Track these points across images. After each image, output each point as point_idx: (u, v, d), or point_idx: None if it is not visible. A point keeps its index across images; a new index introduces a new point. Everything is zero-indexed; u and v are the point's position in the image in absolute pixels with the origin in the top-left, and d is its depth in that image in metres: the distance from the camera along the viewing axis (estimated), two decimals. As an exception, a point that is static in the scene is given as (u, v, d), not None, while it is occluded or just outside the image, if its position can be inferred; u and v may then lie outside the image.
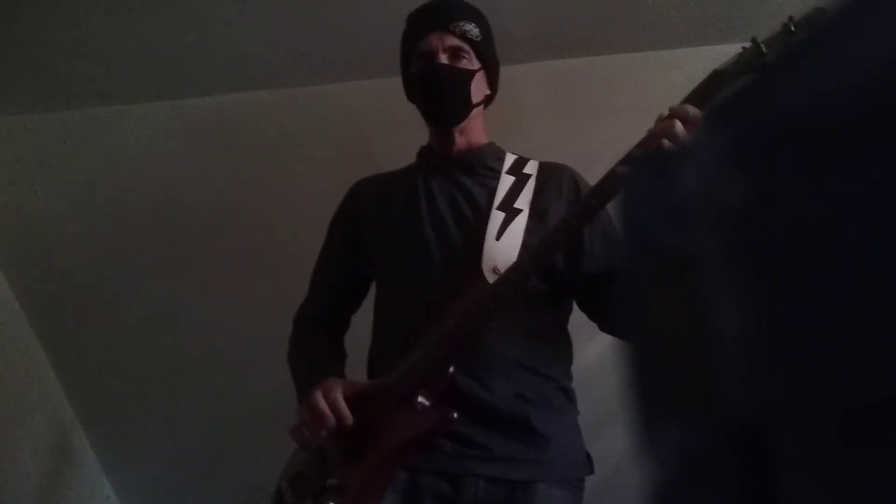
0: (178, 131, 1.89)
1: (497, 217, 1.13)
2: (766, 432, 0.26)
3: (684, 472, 0.31)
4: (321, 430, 1.05)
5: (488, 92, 1.25)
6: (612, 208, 1.12)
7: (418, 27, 1.21)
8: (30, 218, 1.93)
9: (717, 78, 1.01)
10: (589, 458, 1.14)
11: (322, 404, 1.04)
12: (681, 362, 0.31)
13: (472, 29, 1.18)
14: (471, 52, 1.18)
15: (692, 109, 0.97)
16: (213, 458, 2.02)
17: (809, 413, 0.25)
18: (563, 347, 1.19)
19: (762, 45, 0.98)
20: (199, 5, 1.58)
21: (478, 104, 1.21)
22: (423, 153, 1.30)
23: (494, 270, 1.06)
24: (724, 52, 1.03)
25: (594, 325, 1.23)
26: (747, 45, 1.00)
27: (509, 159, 1.24)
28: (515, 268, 1.03)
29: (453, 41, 1.17)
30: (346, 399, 1.06)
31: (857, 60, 0.24)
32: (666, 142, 0.95)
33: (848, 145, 0.24)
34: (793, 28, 0.95)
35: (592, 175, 1.10)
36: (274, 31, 1.66)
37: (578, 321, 1.24)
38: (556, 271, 1.14)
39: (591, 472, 1.14)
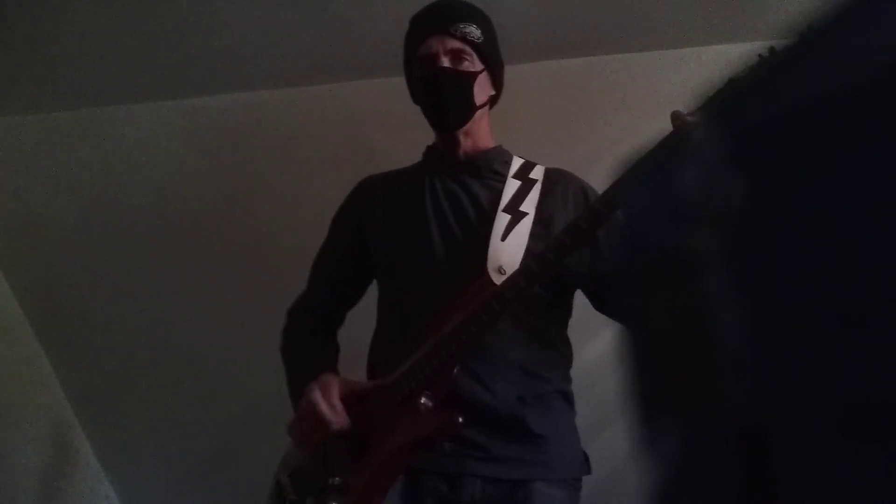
0: (178, 131, 1.89)
1: (503, 219, 1.13)
2: (766, 432, 0.26)
3: (684, 471, 0.31)
4: (322, 436, 1.05)
5: (493, 93, 1.24)
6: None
7: (419, 31, 1.21)
8: (29, 218, 1.93)
9: (732, 87, 1.00)
10: (586, 458, 1.15)
11: (323, 408, 1.04)
12: (681, 362, 0.31)
13: (474, 31, 1.17)
14: (472, 54, 1.18)
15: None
16: (213, 458, 2.02)
17: (810, 412, 0.25)
18: (563, 351, 1.19)
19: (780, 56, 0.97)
20: (200, 5, 1.58)
21: (482, 105, 1.21)
22: (430, 153, 1.30)
23: (499, 270, 1.06)
24: (724, 53, 1.03)
25: (593, 326, 1.23)
26: (750, 44, 1.00)
27: (516, 163, 1.24)
28: (523, 271, 1.03)
29: (454, 44, 1.16)
30: (344, 399, 1.06)
31: (858, 60, 0.24)
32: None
33: (848, 145, 0.24)
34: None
35: (591, 175, 1.10)
36: (274, 31, 1.66)
37: (578, 322, 1.24)
38: (564, 275, 1.13)
39: (589, 472, 1.14)
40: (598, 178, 1.05)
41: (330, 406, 1.05)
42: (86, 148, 1.89)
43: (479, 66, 1.19)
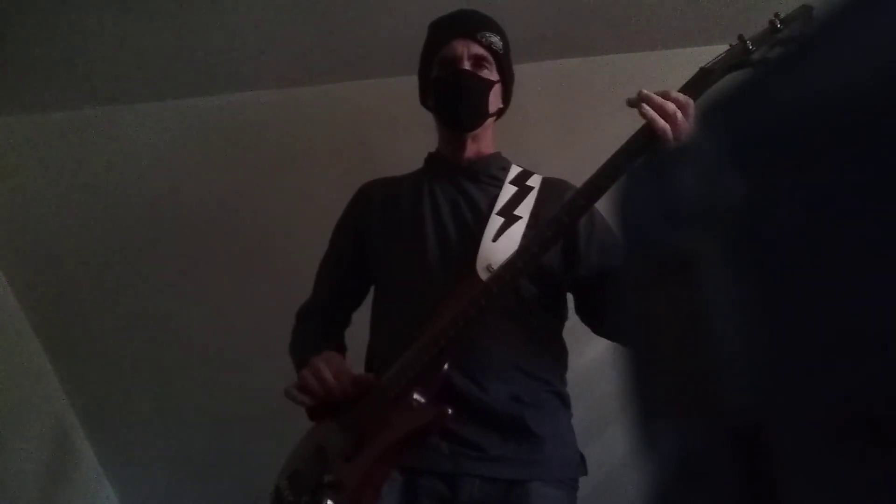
0: (178, 131, 1.89)
1: (496, 221, 1.15)
2: (765, 432, 0.26)
3: (683, 472, 0.31)
4: (324, 395, 1.08)
5: (502, 105, 1.27)
6: (607, 211, 1.13)
7: (443, 33, 1.23)
8: (30, 218, 1.93)
9: (704, 75, 1.02)
10: (582, 458, 1.15)
11: (328, 373, 1.07)
12: (679, 362, 0.31)
13: (497, 41, 1.21)
14: (493, 63, 1.21)
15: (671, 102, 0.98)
16: (213, 458, 2.02)
17: (808, 413, 0.25)
18: (558, 353, 1.20)
19: (749, 43, 0.99)
20: (199, 5, 1.58)
21: (492, 114, 1.24)
22: (431, 159, 1.32)
23: (488, 269, 1.08)
24: (724, 53, 1.04)
25: (593, 327, 1.23)
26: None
27: (514, 170, 1.26)
28: (507, 265, 1.04)
29: (478, 50, 1.19)
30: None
31: (857, 60, 0.24)
32: (661, 124, 0.95)
33: (848, 145, 0.24)
34: (779, 25, 0.97)
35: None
36: (274, 31, 1.66)
37: (576, 324, 1.24)
38: (552, 276, 1.14)
39: (585, 472, 1.15)
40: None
41: (334, 373, 1.08)
42: (86, 148, 1.89)
43: (496, 76, 1.22)
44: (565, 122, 1.77)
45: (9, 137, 1.88)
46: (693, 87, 1.02)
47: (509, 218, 1.15)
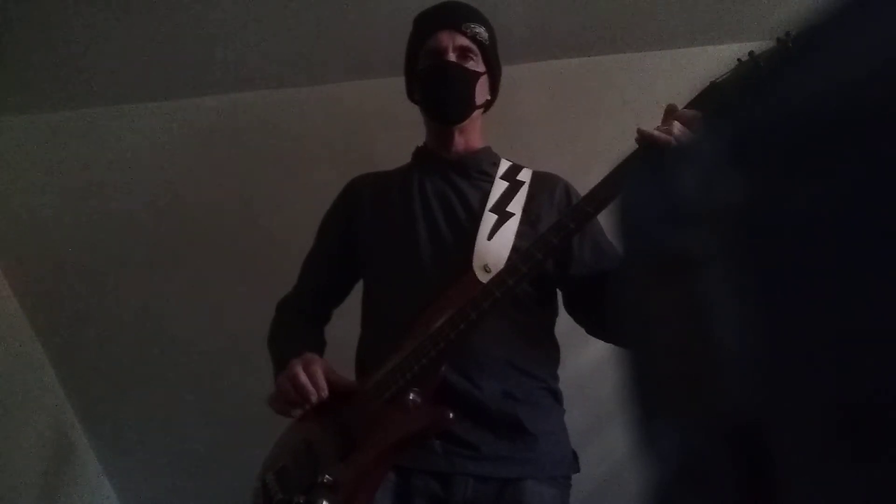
0: (178, 131, 1.89)
1: (490, 218, 1.14)
2: (764, 432, 0.26)
3: (683, 472, 0.31)
4: (304, 405, 1.05)
5: (489, 97, 1.27)
6: (605, 212, 1.13)
7: (428, 25, 1.22)
8: (29, 218, 1.93)
9: (714, 90, 1.02)
10: (575, 456, 1.15)
11: (303, 379, 1.04)
12: (680, 362, 0.31)
13: (483, 32, 1.21)
14: (478, 54, 1.20)
15: (691, 112, 0.98)
16: (213, 458, 2.02)
17: (808, 413, 0.25)
18: (550, 349, 1.19)
19: (759, 60, 0.99)
20: (200, 5, 1.58)
21: (479, 106, 1.23)
22: (420, 153, 1.31)
23: (485, 269, 1.07)
24: (724, 53, 1.04)
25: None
26: (750, 44, 1.01)
27: (504, 165, 1.25)
28: (511, 269, 1.03)
29: (463, 41, 1.19)
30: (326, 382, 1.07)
31: (857, 59, 0.24)
32: (665, 138, 0.96)
33: (848, 145, 0.24)
34: (790, 44, 0.96)
35: (591, 176, 1.10)
36: (274, 32, 1.66)
37: (575, 324, 1.24)
38: (545, 275, 1.14)
39: (578, 470, 1.14)
40: (597, 179, 1.05)
41: (310, 377, 1.05)
42: (86, 148, 1.89)
43: (482, 67, 1.22)
44: (564, 122, 1.77)
45: (9, 137, 1.88)
46: (702, 100, 1.01)
47: (502, 215, 1.15)
